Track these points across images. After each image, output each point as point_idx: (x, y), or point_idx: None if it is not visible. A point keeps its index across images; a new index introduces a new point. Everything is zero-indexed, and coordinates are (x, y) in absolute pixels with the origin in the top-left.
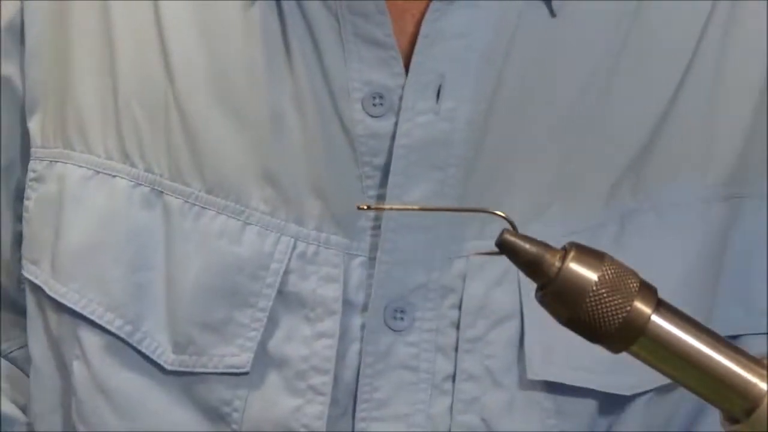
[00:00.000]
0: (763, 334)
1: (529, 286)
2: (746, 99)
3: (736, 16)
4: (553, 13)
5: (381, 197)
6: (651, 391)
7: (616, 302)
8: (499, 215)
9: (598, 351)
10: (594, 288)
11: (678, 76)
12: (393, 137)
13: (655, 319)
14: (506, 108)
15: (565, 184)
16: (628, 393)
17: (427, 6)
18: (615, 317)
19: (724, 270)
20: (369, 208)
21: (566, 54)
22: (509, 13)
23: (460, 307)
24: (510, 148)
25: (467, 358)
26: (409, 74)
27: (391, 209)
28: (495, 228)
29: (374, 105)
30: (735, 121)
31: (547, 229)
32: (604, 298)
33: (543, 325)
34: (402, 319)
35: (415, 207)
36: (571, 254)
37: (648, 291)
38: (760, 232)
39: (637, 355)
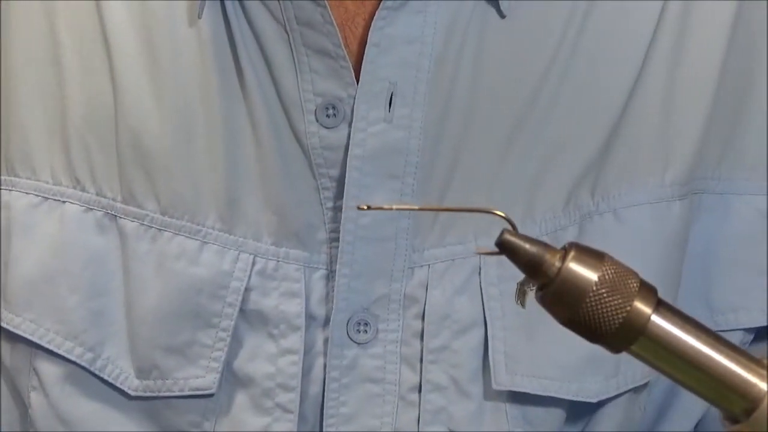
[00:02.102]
0: (730, 330)
1: (492, 294)
2: (701, 96)
3: (691, 12)
4: (502, 15)
5: (339, 208)
6: (620, 395)
7: (616, 302)
8: (499, 215)
9: (561, 359)
10: (594, 288)
11: (632, 75)
12: (346, 147)
13: (655, 319)
14: (460, 113)
15: (523, 189)
16: (593, 400)
17: (377, 10)
18: (615, 317)
19: (685, 269)
20: (369, 208)
21: (517, 55)
22: (459, 17)
23: (423, 317)
24: (465, 153)
25: (432, 368)
26: (360, 84)
27: (391, 209)
28: (456, 236)
29: (327, 116)
30: (691, 119)
31: None
32: (604, 298)
33: (506, 333)
34: (365, 331)
35: (415, 207)
36: (571, 254)
37: (648, 291)
38: (720, 228)
39: (637, 355)
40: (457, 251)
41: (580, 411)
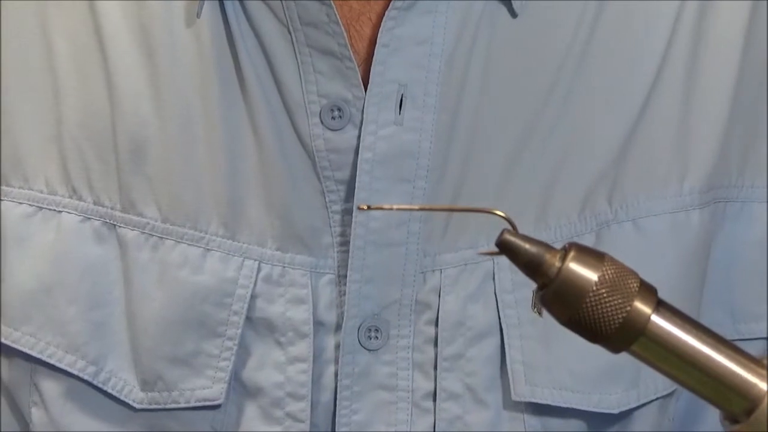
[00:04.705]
0: (753, 339)
1: (507, 301)
2: (720, 100)
3: (707, 14)
4: (514, 14)
5: (346, 212)
6: (644, 405)
7: (616, 302)
8: (500, 215)
9: (580, 369)
10: (594, 288)
11: (649, 77)
12: (355, 150)
13: (655, 319)
14: (471, 115)
15: (537, 193)
16: (615, 411)
17: (385, 8)
18: (615, 317)
19: (707, 278)
20: (369, 208)
21: (530, 56)
22: (470, 17)
23: (437, 324)
24: (477, 156)
25: (447, 376)
26: (370, 85)
27: (391, 209)
28: (468, 240)
29: (333, 118)
30: (709, 123)
31: None
32: (604, 298)
33: (523, 342)
34: (377, 337)
35: (416, 207)
36: (571, 254)
37: (648, 291)
38: (742, 236)
39: (637, 355)
40: (468, 256)
41: (601, 422)
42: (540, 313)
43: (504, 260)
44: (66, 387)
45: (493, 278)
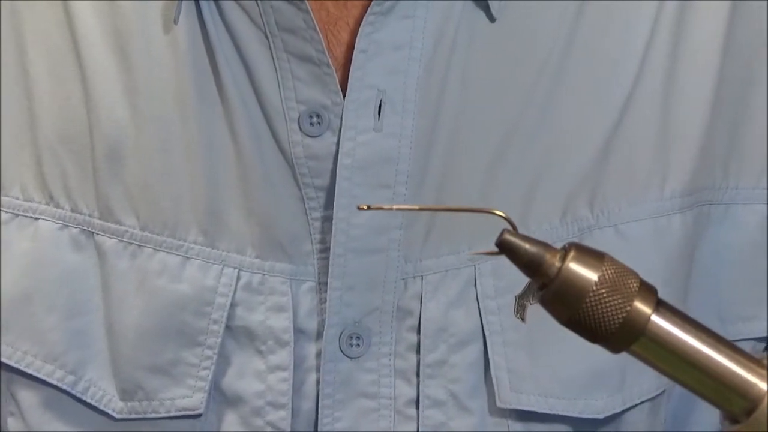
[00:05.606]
0: (740, 340)
1: (489, 307)
2: (700, 103)
3: (686, 15)
4: (492, 18)
5: (326, 219)
6: (629, 410)
7: (616, 302)
8: (499, 215)
9: (564, 375)
10: (594, 288)
11: (629, 79)
12: (334, 157)
13: (655, 319)
14: (451, 120)
15: (518, 197)
16: (600, 416)
17: (363, 13)
18: (615, 317)
19: (695, 281)
20: (369, 208)
21: (509, 60)
22: (448, 21)
23: (419, 331)
24: (457, 160)
25: (430, 383)
26: (348, 91)
27: (391, 209)
28: (449, 246)
29: (311, 124)
30: (689, 127)
31: None
32: (604, 298)
33: (507, 349)
34: (358, 345)
35: (415, 207)
36: (571, 254)
37: (648, 291)
38: (727, 238)
39: (637, 355)
40: (450, 262)
41: (587, 426)
42: (523, 319)
43: (486, 266)
44: (44, 397)
45: (475, 284)
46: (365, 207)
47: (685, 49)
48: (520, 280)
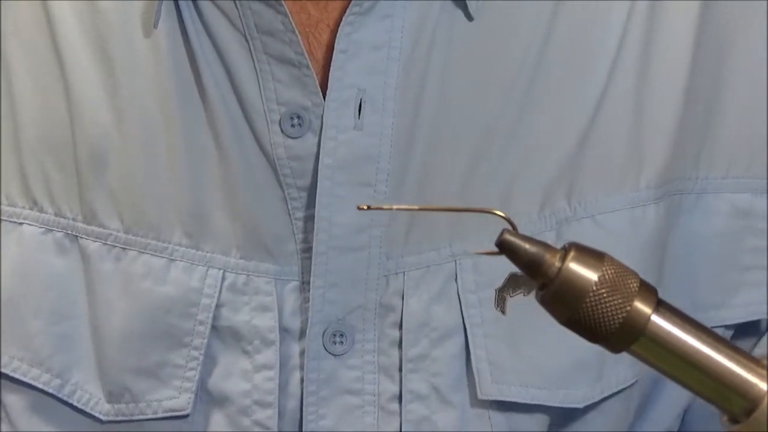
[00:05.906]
0: (713, 327)
1: (470, 301)
2: (672, 96)
3: (657, 13)
4: (470, 17)
5: (309, 218)
6: (607, 398)
7: (616, 302)
8: (499, 215)
9: (545, 366)
10: (594, 288)
11: (602, 76)
12: (316, 157)
13: (655, 319)
14: (430, 118)
15: (497, 193)
16: (580, 405)
17: (342, 14)
18: (615, 317)
19: (668, 271)
20: (369, 208)
21: (488, 58)
22: (426, 20)
23: (401, 326)
24: (437, 158)
25: (413, 377)
26: (329, 91)
27: (391, 209)
28: (430, 243)
29: (292, 126)
30: (662, 120)
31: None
32: (604, 298)
33: (487, 341)
34: (341, 342)
35: (415, 207)
36: (571, 254)
37: (648, 291)
38: (699, 227)
39: (637, 355)
40: (431, 258)
41: (564, 419)
42: (504, 312)
43: (467, 262)
44: (31, 400)
45: (456, 279)
46: (365, 207)
47: (657, 46)
48: (500, 275)
